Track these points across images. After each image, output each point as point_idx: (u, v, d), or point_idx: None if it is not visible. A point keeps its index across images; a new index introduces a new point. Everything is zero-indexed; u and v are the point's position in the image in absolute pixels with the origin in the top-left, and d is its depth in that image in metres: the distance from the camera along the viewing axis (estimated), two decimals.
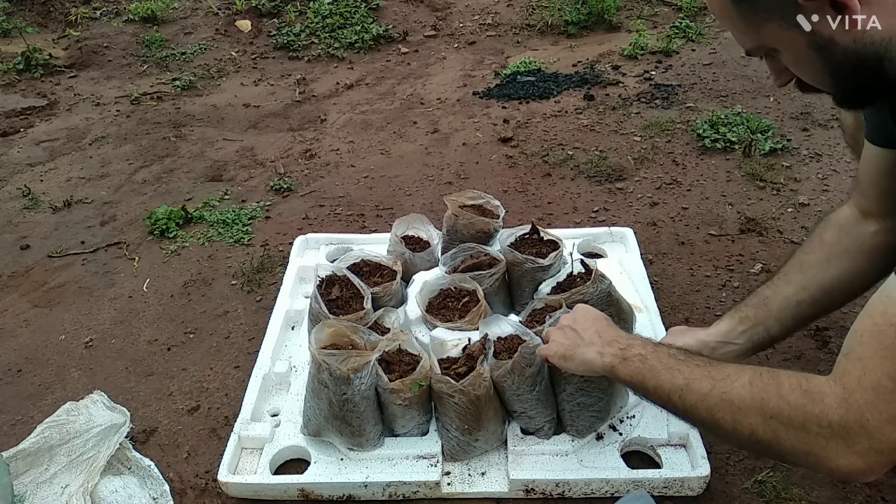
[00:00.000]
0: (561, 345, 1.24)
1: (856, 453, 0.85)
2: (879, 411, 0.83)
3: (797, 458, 0.92)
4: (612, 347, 1.15)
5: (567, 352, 1.22)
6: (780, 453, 0.93)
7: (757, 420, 0.93)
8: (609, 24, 4.20)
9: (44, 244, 2.43)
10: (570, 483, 1.36)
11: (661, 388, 1.05)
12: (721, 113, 2.87)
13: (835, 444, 0.86)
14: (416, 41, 4.34)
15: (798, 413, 0.89)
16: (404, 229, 1.91)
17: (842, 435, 0.86)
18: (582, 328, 1.23)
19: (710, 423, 0.99)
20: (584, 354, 1.19)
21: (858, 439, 0.85)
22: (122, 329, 1.97)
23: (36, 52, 4.16)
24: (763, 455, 1.00)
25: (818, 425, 0.87)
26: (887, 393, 0.83)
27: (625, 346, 1.14)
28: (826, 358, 1.67)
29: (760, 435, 0.93)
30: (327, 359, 1.34)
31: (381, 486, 1.39)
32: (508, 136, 2.92)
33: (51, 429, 1.56)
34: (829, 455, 0.87)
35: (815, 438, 0.88)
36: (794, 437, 0.90)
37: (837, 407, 0.86)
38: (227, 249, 2.31)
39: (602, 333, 1.20)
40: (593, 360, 1.17)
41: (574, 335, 1.23)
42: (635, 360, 1.11)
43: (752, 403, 0.93)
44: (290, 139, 3.16)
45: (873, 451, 0.85)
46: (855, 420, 0.85)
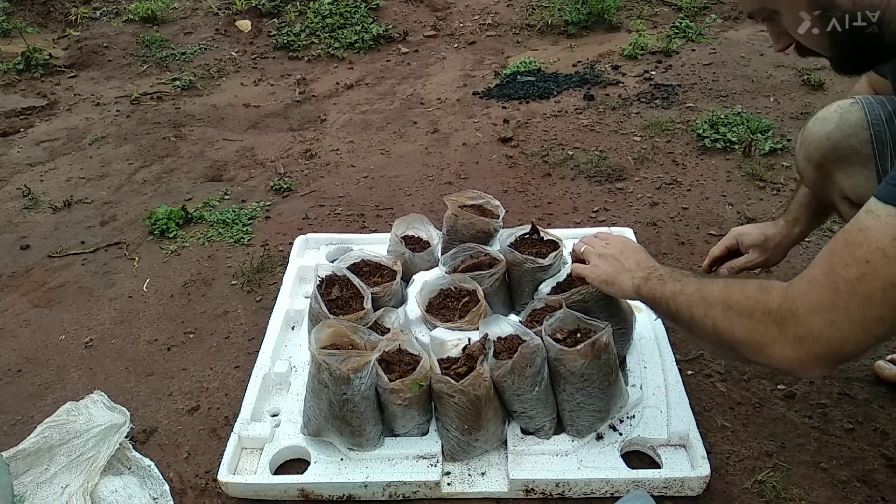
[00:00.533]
0: (604, 270, 1.35)
1: (787, 340, 0.93)
2: (808, 300, 0.91)
3: (746, 347, 1.00)
4: (644, 272, 1.28)
5: (609, 277, 1.34)
6: (734, 343, 1.01)
7: (719, 311, 1.03)
8: (609, 24, 4.20)
9: (44, 244, 2.43)
10: (570, 483, 1.36)
11: (664, 296, 1.17)
12: (721, 113, 2.87)
13: (772, 331, 0.95)
14: (416, 41, 4.35)
15: (749, 302, 0.99)
16: (404, 229, 1.91)
17: (777, 321, 0.94)
18: (625, 257, 1.36)
19: (688, 320, 1.10)
20: (623, 281, 1.30)
21: (788, 325, 0.93)
22: (122, 329, 1.97)
23: (36, 52, 4.16)
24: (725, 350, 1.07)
25: (761, 312, 0.96)
26: (818, 286, 0.90)
27: (652, 271, 1.27)
28: None
29: (720, 324, 1.03)
30: (327, 359, 1.34)
31: (381, 486, 1.39)
32: (508, 136, 2.92)
33: (51, 429, 1.56)
34: (767, 342, 0.95)
35: (758, 325, 0.97)
36: (744, 325, 0.99)
37: (779, 297, 0.95)
38: (227, 249, 2.31)
39: (641, 263, 1.33)
40: (628, 283, 1.28)
41: (617, 263, 1.35)
42: (654, 279, 1.23)
43: (720, 298, 1.04)
44: (290, 139, 3.16)
45: (798, 339, 0.92)
46: (787, 308, 0.93)
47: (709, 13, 4.24)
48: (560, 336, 1.42)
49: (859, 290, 0.87)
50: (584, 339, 1.38)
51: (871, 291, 0.86)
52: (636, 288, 1.27)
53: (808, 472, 1.40)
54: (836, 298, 0.88)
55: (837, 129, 1.33)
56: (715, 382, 1.62)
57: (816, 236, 2.13)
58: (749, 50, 3.62)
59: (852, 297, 0.87)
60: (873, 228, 0.87)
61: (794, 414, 1.53)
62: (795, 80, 3.23)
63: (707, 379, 1.63)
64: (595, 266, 1.39)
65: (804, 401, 1.56)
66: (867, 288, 0.86)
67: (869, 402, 1.54)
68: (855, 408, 1.53)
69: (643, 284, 1.25)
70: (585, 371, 1.37)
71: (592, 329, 1.41)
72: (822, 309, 0.89)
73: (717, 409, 1.55)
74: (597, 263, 1.39)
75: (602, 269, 1.37)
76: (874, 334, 0.89)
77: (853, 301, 0.87)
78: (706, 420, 1.51)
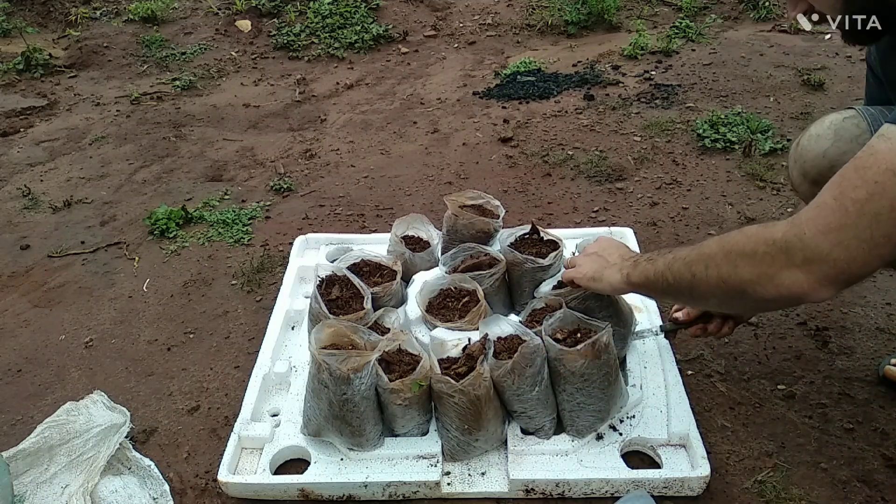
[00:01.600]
0: (589, 268, 1.38)
1: (795, 266, 0.95)
2: (816, 223, 0.93)
3: (754, 284, 1.00)
4: (629, 262, 1.30)
5: (596, 274, 1.36)
6: (742, 285, 1.02)
7: (721, 260, 1.04)
8: (609, 24, 4.20)
9: (44, 244, 2.43)
10: (570, 483, 1.36)
11: (658, 271, 1.18)
12: (721, 113, 2.87)
13: (780, 260, 0.96)
14: (416, 41, 4.35)
15: (751, 241, 1.01)
16: (404, 229, 1.91)
17: (784, 249, 0.96)
18: (608, 254, 1.39)
19: (690, 282, 1.11)
20: (610, 275, 1.32)
21: (795, 251, 0.94)
22: (122, 329, 1.97)
23: (36, 52, 4.16)
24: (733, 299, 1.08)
25: (765, 244, 0.98)
26: (827, 209, 0.92)
27: (637, 257, 1.30)
28: (826, 358, 1.67)
29: (724, 271, 1.04)
30: (327, 359, 1.34)
31: (381, 486, 1.39)
32: (508, 136, 2.92)
33: (51, 429, 1.56)
34: (775, 271, 0.97)
35: (763, 258, 0.98)
36: (749, 262, 1.00)
37: (784, 227, 0.97)
38: (227, 249, 2.31)
39: (624, 255, 1.36)
40: (616, 276, 1.30)
41: (601, 259, 1.38)
42: (642, 262, 1.25)
43: (719, 249, 1.06)
44: (290, 139, 3.16)
45: (807, 262, 0.93)
46: (794, 234, 0.95)
47: (709, 13, 4.24)
48: (560, 336, 1.42)
49: (868, 209, 0.88)
50: (584, 339, 1.38)
51: (880, 210, 0.88)
52: (625, 278, 1.28)
53: (808, 472, 1.40)
54: (844, 219, 0.90)
55: (834, 147, 1.35)
56: (715, 382, 1.62)
57: None
58: (749, 50, 3.62)
59: (861, 217, 0.89)
60: (884, 151, 0.88)
61: (794, 414, 1.53)
62: (795, 80, 3.24)
63: (707, 379, 1.63)
64: (580, 266, 1.41)
65: (804, 401, 1.56)
66: (876, 206, 0.88)
67: (869, 402, 1.54)
68: (855, 408, 1.53)
69: (632, 272, 1.26)
70: (585, 371, 1.37)
71: (592, 329, 1.41)
72: (830, 230, 0.91)
73: (717, 409, 1.55)
74: (581, 263, 1.42)
75: (587, 268, 1.39)
76: (880, 253, 0.91)
77: (862, 220, 0.89)
78: (706, 420, 1.51)
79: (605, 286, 1.35)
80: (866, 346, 1.69)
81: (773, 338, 1.75)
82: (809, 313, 1.81)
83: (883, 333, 1.73)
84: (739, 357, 1.69)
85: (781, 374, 1.63)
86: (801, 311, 1.82)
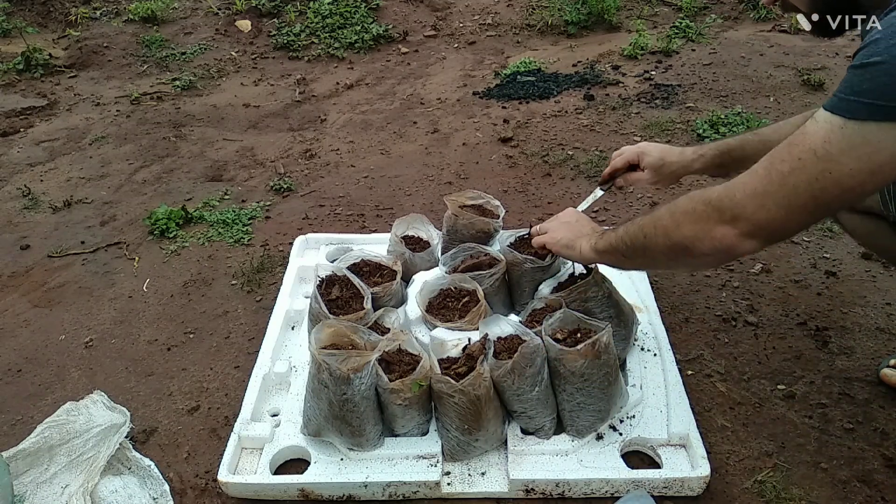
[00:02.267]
0: (564, 236, 1.46)
1: (725, 222, 1.07)
2: (745, 187, 1.05)
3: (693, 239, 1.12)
4: (598, 233, 1.40)
5: (570, 242, 1.44)
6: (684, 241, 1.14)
7: (668, 220, 1.17)
8: (609, 24, 4.21)
9: (44, 244, 2.43)
10: (570, 483, 1.36)
11: (618, 237, 1.29)
12: (721, 113, 2.87)
13: (714, 217, 1.09)
14: (416, 41, 4.35)
15: (693, 201, 1.13)
16: (404, 229, 1.91)
17: (717, 208, 1.08)
18: (580, 225, 1.48)
19: (643, 243, 1.22)
20: (582, 244, 1.41)
21: (726, 209, 1.07)
22: (122, 329, 1.97)
23: (36, 52, 4.16)
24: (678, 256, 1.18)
25: (703, 204, 1.11)
26: (756, 176, 1.04)
27: (605, 230, 1.39)
28: (826, 358, 1.67)
29: (670, 229, 1.16)
30: (327, 359, 1.34)
31: (381, 486, 1.39)
32: (508, 136, 2.92)
33: (51, 429, 1.56)
34: (710, 226, 1.09)
35: (700, 216, 1.11)
36: (689, 220, 1.13)
37: (719, 189, 1.09)
38: (227, 249, 2.31)
39: (595, 228, 1.46)
40: (587, 245, 1.40)
41: (576, 227, 1.47)
42: (609, 233, 1.35)
43: (667, 211, 1.18)
44: (290, 139, 3.16)
45: (734, 218, 1.06)
46: (727, 195, 1.07)
47: (709, 13, 4.24)
48: (560, 336, 1.43)
49: (789, 181, 1.00)
50: (584, 339, 1.38)
51: (798, 182, 0.99)
52: (593, 247, 1.38)
53: (808, 472, 1.40)
54: (768, 187, 1.03)
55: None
56: (715, 382, 1.62)
57: (818, 234, 2.13)
58: (749, 50, 3.62)
59: (782, 187, 1.01)
60: (811, 132, 0.99)
61: (794, 414, 1.53)
62: (795, 80, 3.24)
63: (707, 379, 1.63)
64: (553, 232, 1.49)
65: (804, 401, 1.56)
66: (794, 179, 1.00)
67: (869, 402, 1.54)
68: (855, 408, 1.53)
69: (599, 241, 1.37)
70: (585, 371, 1.37)
71: (592, 329, 1.41)
72: (755, 194, 1.04)
73: (717, 409, 1.55)
74: (555, 230, 1.50)
75: (561, 235, 1.47)
76: (796, 219, 1.03)
77: (782, 189, 1.01)
78: (706, 420, 1.51)
79: (576, 254, 1.43)
80: (866, 346, 1.69)
81: (773, 338, 1.75)
82: (809, 313, 1.82)
83: (883, 333, 1.73)
84: (739, 357, 1.69)
85: (781, 374, 1.63)
86: (801, 311, 1.82)
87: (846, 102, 0.95)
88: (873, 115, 0.92)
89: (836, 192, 0.97)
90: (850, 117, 0.94)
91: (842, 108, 0.95)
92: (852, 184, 0.96)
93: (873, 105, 0.91)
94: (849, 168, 0.95)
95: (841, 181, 0.96)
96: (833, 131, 0.95)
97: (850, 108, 0.94)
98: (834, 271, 1.96)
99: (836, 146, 0.95)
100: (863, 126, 0.93)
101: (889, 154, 0.92)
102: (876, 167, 0.94)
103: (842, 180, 0.96)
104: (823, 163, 0.96)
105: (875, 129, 0.92)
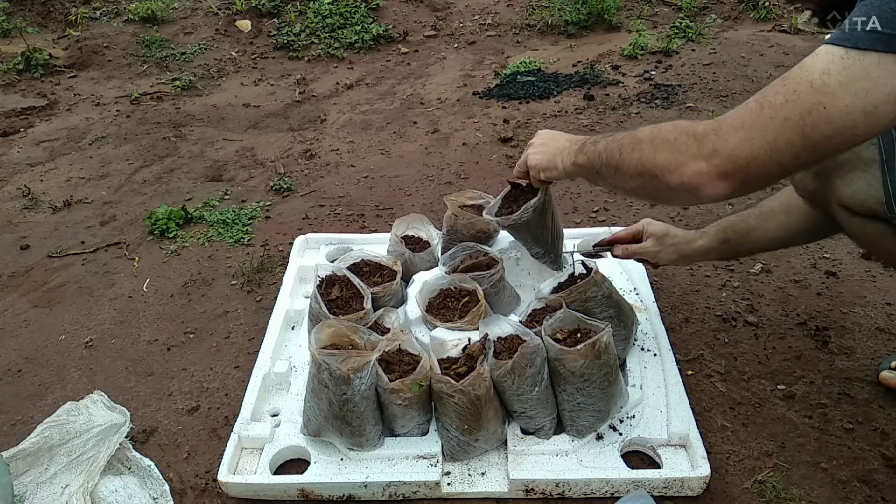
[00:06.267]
0: (540, 159, 1.41)
1: (702, 156, 1.02)
2: (733, 120, 1.00)
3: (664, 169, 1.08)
4: (576, 145, 1.34)
5: (549, 163, 1.40)
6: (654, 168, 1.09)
7: (647, 144, 1.11)
8: (609, 24, 4.21)
9: (44, 244, 2.43)
10: (570, 483, 1.36)
11: (597, 151, 1.24)
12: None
13: (692, 148, 1.03)
14: (416, 41, 4.35)
15: (677, 129, 1.08)
16: (404, 229, 1.91)
17: (699, 139, 1.03)
18: (555, 141, 1.41)
19: (617, 161, 1.17)
20: (560, 161, 1.37)
21: (707, 141, 1.01)
22: (122, 329, 1.97)
23: (36, 52, 4.17)
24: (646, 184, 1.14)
25: (686, 135, 1.05)
26: (746, 109, 0.99)
27: (584, 141, 1.32)
28: (826, 358, 1.67)
29: (646, 154, 1.11)
30: (327, 359, 1.34)
31: (381, 486, 1.39)
32: (508, 136, 2.92)
33: (51, 429, 1.56)
34: (684, 159, 1.04)
35: (680, 145, 1.05)
36: (667, 149, 1.07)
37: (706, 123, 1.04)
38: (227, 249, 2.31)
39: (571, 140, 1.39)
40: (567, 160, 1.35)
41: (549, 148, 1.41)
42: (588, 144, 1.30)
43: (649, 133, 1.12)
44: (290, 139, 3.16)
45: (713, 153, 1.01)
46: (713, 128, 1.02)
47: (709, 13, 4.24)
48: (560, 336, 1.43)
49: (780, 113, 0.95)
50: (584, 339, 1.38)
51: (789, 115, 0.95)
52: (573, 161, 1.33)
53: (808, 472, 1.40)
54: (757, 119, 0.98)
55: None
56: (715, 382, 1.62)
57: None
58: (749, 50, 3.62)
59: (772, 119, 0.96)
60: (809, 65, 0.95)
61: (794, 414, 1.53)
62: None
63: (707, 379, 1.63)
64: (532, 155, 1.44)
65: (804, 401, 1.56)
66: (786, 112, 0.95)
67: (869, 402, 1.54)
68: (855, 408, 1.53)
69: (578, 154, 1.32)
70: (585, 371, 1.37)
71: (592, 329, 1.41)
72: (742, 126, 0.99)
73: (717, 409, 1.55)
74: (532, 155, 1.45)
75: (539, 157, 1.42)
76: (780, 159, 0.98)
77: (772, 122, 0.96)
78: (706, 420, 1.51)
79: (558, 173, 1.39)
80: (866, 346, 1.69)
81: (773, 338, 1.75)
82: (809, 313, 1.82)
83: (883, 333, 1.73)
84: (739, 357, 1.69)
85: (781, 374, 1.63)
86: (801, 311, 1.82)
87: (849, 33, 0.92)
88: (874, 45, 0.89)
89: (826, 130, 0.93)
90: (851, 46, 0.91)
91: (843, 39, 0.92)
92: (844, 123, 0.92)
93: (876, 33, 0.89)
94: (844, 104, 0.91)
95: (833, 118, 0.92)
96: (833, 62, 0.92)
97: (853, 38, 0.91)
98: (834, 271, 1.96)
99: (833, 77, 0.92)
100: (864, 56, 0.90)
101: (886, 93, 0.89)
102: (871, 106, 0.90)
103: (834, 117, 0.92)
104: (819, 94, 0.92)
105: (876, 60, 0.89)
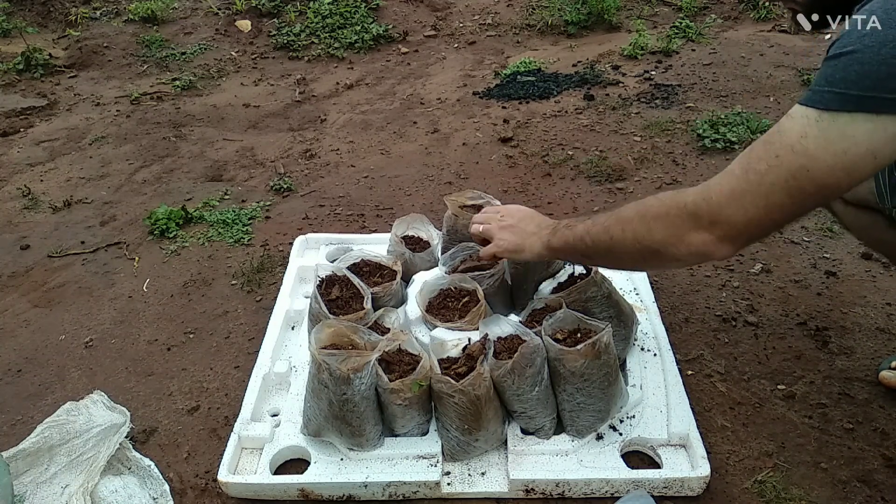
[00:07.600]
0: (511, 241, 1.42)
1: (703, 228, 1.05)
2: (721, 189, 1.03)
3: (666, 244, 1.10)
4: (548, 230, 1.36)
5: (518, 246, 1.41)
6: (655, 245, 1.11)
7: (637, 223, 1.14)
8: (609, 24, 4.21)
9: (44, 244, 2.43)
10: (570, 483, 1.36)
11: (577, 236, 1.26)
12: (721, 113, 2.87)
13: (688, 223, 1.06)
14: (416, 41, 4.35)
15: (665, 204, 1.10)
16: (404, 229, 1.91)
17: (692, 212, 1.06)
18: (524, 224, 1.43)
19: (608, 244, 1.19)
20: (532, 244, 1.38)
21: (703, 214, 1.05)
22: (122, 329, 1.97)
23: (36, 52, 4.17)
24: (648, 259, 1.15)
25: (677, 209, 1.08)
26: (733, 177, 1.02)
27: (555, 225, 1.35)
28: (826, 358, 1.67)
29: (640, 232, 1.13)
30: (327, 359, 1.34)
31: (381, 486, 1.39)
32: (508, 136, 2.92)
33: (51, 429, 1.55)
34: (684, 233, 1.07)
35: (674, 220, 1.08)
36: (661, 224, 1.10)
37: (694, 193, 1.07)
38: (227, 249, 2.31)
39: (541, 224, 1.41)
40: (538, 245, 1.36)
41: (520, 230, 1.42)
42: (561, 229, 1.32)
43: (636, 212, 1.15)
44: (290, 139, 3.16)
45: (712, 224, 1.04)
46: (703, 199, 1.05)
47: (709, 13, 4.24)
48: (560, 336, 1.43)
49: (766, 179, 0.98)
50: (584, 339, 1.38)
51: (776, 180, 0.97)
52: (546, 245, 1.34)
53: (808, 472, 1.40)
54: (745, 186, 1.00)
55: None
56: (715, 382, 1.62)
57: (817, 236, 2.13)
58: (749, 50, 3.62)
59: (760, 186, 0.99)
60: (786, 129, 0.97)
61: (794, 414, 1.53)
62: (795, 80, 3.24)
63: (707, 379, 1.63)
64: (500, 240, 1.44)
65: (804, 401, 1.56)
66: (772, 178, 0.97)
67: (869, 402, 1.54)
68: (855, 408, 1.53)
69: (552, 238, 1.33)
70: (585, 371, 1.37)
71: (592, 329, 1.41)
72: (733, 196, 1.02)
73: (717, 409, 1.55)
74: (501, 237, 1.44)
75: (508, 241, 1.43)
76: (773, 218, 1.01)
77: (759, 188, 0.99)
78: (706, 420, 1.51)
79: (527, 255, 1.40)
80: (866, 346, 1.69)
81: (773, 338, 1.75)
82: (809, 313, 1.82)
83: (883, 333, 1.73)
84: (739, 357, 1.69)
85: (781, 374, 1.63)
86: (801, 311, 1.82)
87: (819, 94, 0.93)
88: (845, 105, 0.90)
89: (812, 189, 0.95)
90: (824, 108, 0.92)
91: (815, 101, 0.94)
92: (827, 182, 0.94)
93: (845, 94, 0.89)
94: (826, 165, 0.93)
95: (816, 179, 0.94)
96: (809, 125, 0.94)
97: (824, 100, 0.92)
98: (834, 271, 1.96)
99: (812, 141, 0.93)
100: (836, 118, 0.91)
101: (864, 150, 0.90)
102: (850, 164, 0.92)
103: (817, 178, 0.94)
104: (801, 158, 0.94)
105: (848, 120, 0.90)
